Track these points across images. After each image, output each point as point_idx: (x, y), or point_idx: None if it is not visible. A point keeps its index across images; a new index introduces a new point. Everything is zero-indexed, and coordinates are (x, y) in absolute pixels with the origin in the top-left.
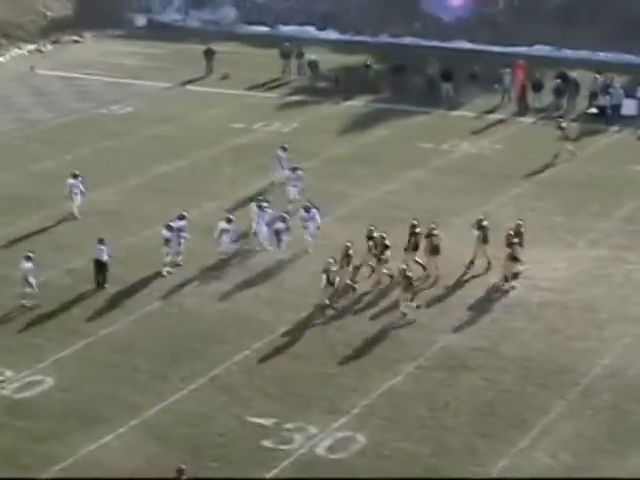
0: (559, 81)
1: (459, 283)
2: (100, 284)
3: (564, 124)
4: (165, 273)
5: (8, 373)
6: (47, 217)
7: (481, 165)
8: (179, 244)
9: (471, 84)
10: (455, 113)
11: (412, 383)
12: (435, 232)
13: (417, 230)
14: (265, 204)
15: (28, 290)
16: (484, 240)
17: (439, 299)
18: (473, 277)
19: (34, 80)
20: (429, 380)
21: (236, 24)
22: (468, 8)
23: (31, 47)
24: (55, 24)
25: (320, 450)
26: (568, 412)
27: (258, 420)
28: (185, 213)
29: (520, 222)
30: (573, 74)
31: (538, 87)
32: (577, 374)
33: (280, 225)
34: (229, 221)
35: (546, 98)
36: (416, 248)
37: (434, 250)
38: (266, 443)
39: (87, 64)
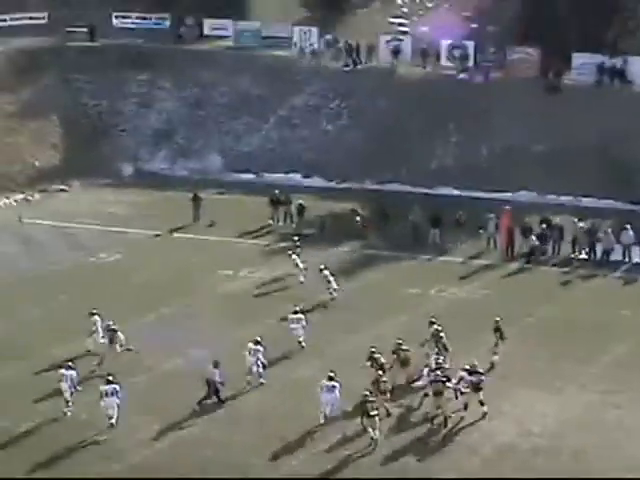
0: (544, 226)
1: (453, 426)
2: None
3: None
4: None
5: None
6: (26, 367)
7: (468, 310)
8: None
9: (457, 230)
10: (442, 258)
11: None
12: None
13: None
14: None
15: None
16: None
17: (434, 442)
18: (467, 421)
19: (22, 229)
20: None
21: (222, 172)
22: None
23: (19, 196)
24: (42, 173)
25: None
26: None
27: None
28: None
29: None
30: (557, 219)
31: (527, 232)
32: None
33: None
34: (258, 344)
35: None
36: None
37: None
38: None
39: (75, 213)
